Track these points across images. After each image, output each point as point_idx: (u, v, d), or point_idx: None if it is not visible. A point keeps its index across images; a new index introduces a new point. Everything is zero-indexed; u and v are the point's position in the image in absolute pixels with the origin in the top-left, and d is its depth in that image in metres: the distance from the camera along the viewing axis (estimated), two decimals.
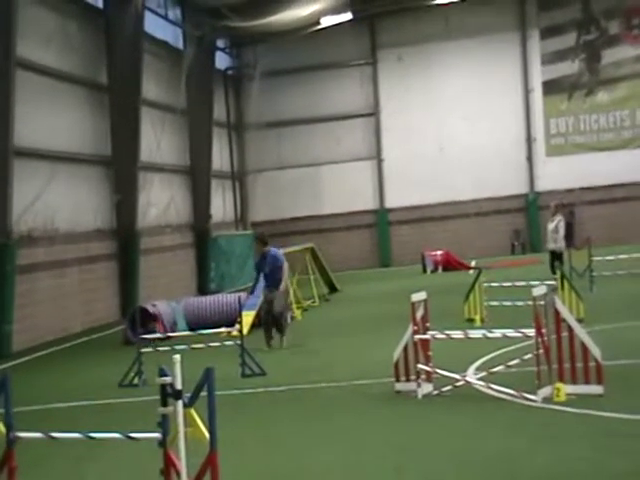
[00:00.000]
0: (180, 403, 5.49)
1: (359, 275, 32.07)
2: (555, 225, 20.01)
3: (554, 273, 18.07)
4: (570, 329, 9.23)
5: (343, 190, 36.39)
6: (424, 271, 30.10)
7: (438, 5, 34.38)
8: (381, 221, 36.39)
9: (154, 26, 28.21)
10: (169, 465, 5.69)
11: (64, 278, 21.44)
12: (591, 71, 35.50)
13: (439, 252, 30.75)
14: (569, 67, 35.63)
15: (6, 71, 18.22)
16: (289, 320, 17.09)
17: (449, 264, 30.07)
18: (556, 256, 19.86)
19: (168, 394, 5.56)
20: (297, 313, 20.06)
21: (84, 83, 23.30)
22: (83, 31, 23.42)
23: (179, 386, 5.47)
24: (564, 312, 9.47)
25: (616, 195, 34.54)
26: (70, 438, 6.54)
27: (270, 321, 15.32)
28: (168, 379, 5.53)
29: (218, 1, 29.01)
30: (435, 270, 30.04)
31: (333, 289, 25.65)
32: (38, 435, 6.46)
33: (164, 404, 5.56)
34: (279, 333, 15.40)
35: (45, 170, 20.89)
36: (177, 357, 5.53)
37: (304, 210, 36.36)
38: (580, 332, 9.20)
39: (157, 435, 5.72)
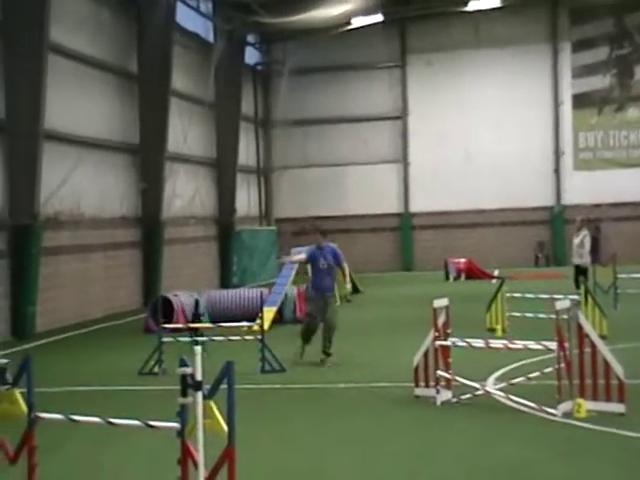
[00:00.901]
0: (200, 394, 5.48)
1: (381, 278, 32.00)
2: (580, 240, 19.83)
3: (578, 288, 17.92)
4: (593, 345, 9.13)
5: (368, 192, 36.31)
6: (447, 278, 29.96)
7: (469, 12, 34.19)
8: (405, 225, 36.30)
9: (185, 18, 28.32)
10: (186, 455, 5.68)
11: (88, 263, 21.56)
12: (622, 86, 35.18)
13: (462, 260, 30.63)
14: (600, 81, 35.33)
15: (39, 55, 18.35)
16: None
17: (472, 272, 29.94)
18: (581, 271, 19.70)
19: (188, 385, 5.56)
20: None
21: (114, 71, 23.44)
22: (115, 19, 23.57)
23: (199, 377, 5.46)
24: (587, 327, 9.36)
25: None
26: (90, 422, 6.54)
27: (314, 330, 13.16)
28: (189, 370, 5.52)
29: None
30: (458, 278, 29.92)
31: (355, 290, 25.56)
32: (59, 417, 6.47)
33: (184, 394, 5.56)
34: (326, 349, 12.98)
35: (73, 155, 21.01)
36: (198, 348, 5.53)
37: (328, 209, 36.29)
38: (603, 349, 9.10)
39: (176, 425, 5.71)
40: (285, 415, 9.77)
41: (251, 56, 35.90)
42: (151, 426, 6.29)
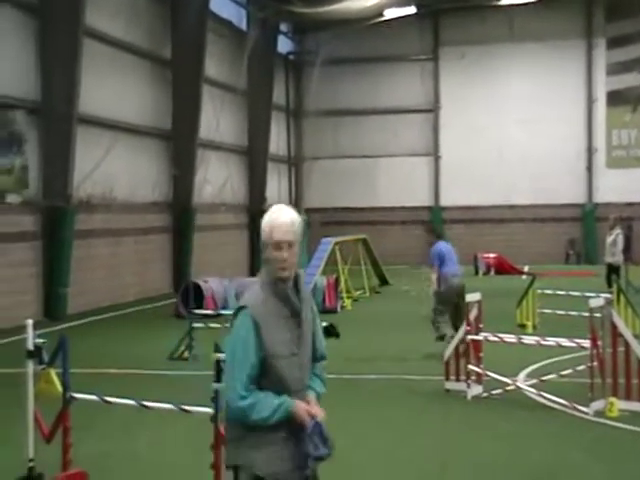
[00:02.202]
0: None
1: (410, 271, 31.87)
2: (613, 238, 19.65)
3: (610, 286, 17.76)
4: (627, 344, 9.04)
5: (398, 184, 36.14)
6: (476, 273, 29.82)
7: (504, 6, 33.87)
8: (435, 218, 36.06)
9: (219, 5, 28.31)
10: (219, 441, 5.69)
11: (119, 247, 21.69)
12: None
13: (492, 255, 30.46)
14: (634, 79, 34.83)
15: (75, 39, 18.45)
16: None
17: (502, 268, 29.78)
18: (613, 269, 19.51)
19: (222, 370, 5.55)
20: (347, 303, 20.00)
21: (149, 56, 23.53)
22: (150, 5, 23.66)
23: None
24: (621, 326, 9.27)
25: None
26: (124, 404, 6.58)
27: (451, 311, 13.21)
28: (223, 356, 5.51)
29: None
30: (487, 272, 29.78)
31: (384, 282, 25.54)
32: (93, 398, 6.51)
33: (218, 380, 5.56)
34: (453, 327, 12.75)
35: (106, 139, 21.12)
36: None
37: (358, 201, 36.21)
38: (637, 348, 9.01)
39: (209, 410, 5.72)
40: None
41: (284, 45, 35.83)
42: (185, 410, 6.32)
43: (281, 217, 3.89)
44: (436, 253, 13.92)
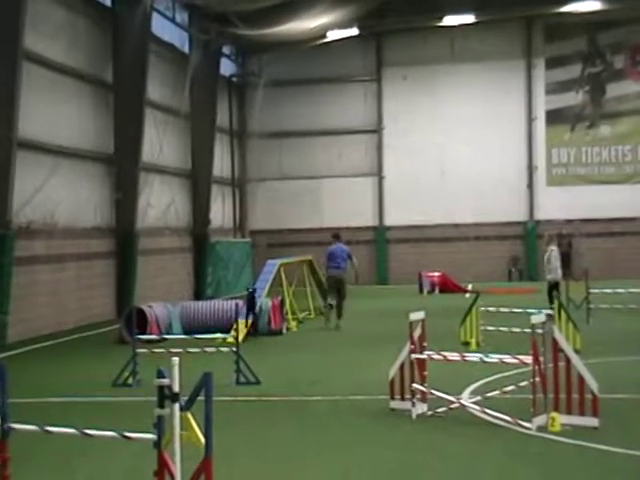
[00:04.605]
0: (177, 406, 5.46)
1: (356, 290, 31.90)
2: (548, 255, 20.08)
3: (552, 303, 18.08)
4: (567, 359, 9.20)
5: (343, 205, 36.42)
6: (420, 291, 30.08)
7: (445, 27, 34.53)
8: (380, 238, 36.41)
9: (161, 28, 28.32)
10: (163, 467, 5.65)
11: (62, 273, 21.39)
12: (594, 104, 35.65)
13: (436, 273, 30.78)
14: (573, 98, 35.79)
15: (13, 62, 18.25)
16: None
17: (446, 286, 30.09)
18: (553, 286, 19.89)
19: (165, 396, 5.53)
20: (292, 324, 19.99)
21: (89, 80, 23.34)
22: (91, 28, 23.51)
23: (177, 389, 5.44)
24: (562, 342, 9.43)
25: (615, 229, 34.65)
26: (65, 433, 6.47)
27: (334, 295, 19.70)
28: (166, 381, 5.50)
29: (226, 8, 29.07)
30: (432, 291, 30.07)
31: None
32: (32, 427, 6.40)
33: (161, 406, 5.53)
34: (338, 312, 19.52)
35: (47, 164, 20.88)
36: (175, 360, 5.52)
37: (304, 222, 36.35)
38: (578, 363, 9.17)
39: (152, 436, 5.67)
40: (261, 427, 9.72)
41: (227, 67, 35.91)
42: (127, 437, 6.25)
43: None
44: (326, 253, 20.18)
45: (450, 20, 33.69)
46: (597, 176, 35.47)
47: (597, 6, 32.24)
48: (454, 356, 10.34)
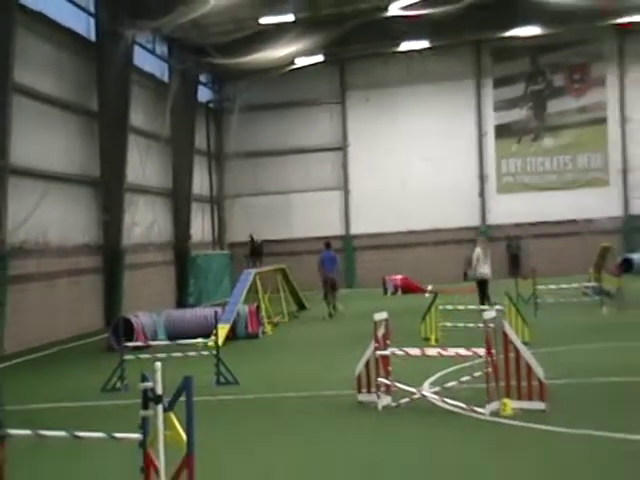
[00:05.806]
0: (160, 407, 5.47)
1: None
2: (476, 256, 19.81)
3: (487, 300, 18.29)
4: (517, 350, 9.32)
5: (313, 217, 36.50)
6: (385, 293, 30.19)
7: (403, 52, 34.87)
8: (347, 246, 36.51)
9: (142, 60, 28.24)
10: (148, 464, 5.66)
11: (54, 288, 21.19)
12: (538, 118, 36.12)
13: (399, 276, 30.90)
14: (518, 114, 36.23)
15: (4, 95, 18.12)
16: None
17: (408, 288, 30.19)
18: (481, 284, 19.57)
19: (149, 398, 5.55)
20: (268, 328, 19.98)
21: (76, 109, 23.19)
22: (76, 61, 23.38)
23: (160, 391, 5.45)
24: (511, 335, 9.55)
25: (559, 231, 35.03)
26: (57, 436, 6.44)
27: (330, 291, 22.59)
28: (149, 384, 5.51)
29: (203, 40, 29.13)
30: (395, 293, 30.16)
31: (302, 307, 25.60)
32: (27, 432, 6.36)
33: (145, 407, 5.54)
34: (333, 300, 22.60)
35: (38, 188, 20.72)
36: (158, 364, 5.53)
37: (277, 234, 36.37)
38: (525, 353, 9.29)
39: (138, 436, 5.68)
40: (240, 424, 9.73)
41: (204, 94, 35.92)
42: (115, 438, 6.24)
43: None
44: (319, 259, 23.08)
45: (407, 46, 34.00)
46: (542, 184, 35.90)
47: (538, 31, 32.74)
48: (415, 351, 10.41)
